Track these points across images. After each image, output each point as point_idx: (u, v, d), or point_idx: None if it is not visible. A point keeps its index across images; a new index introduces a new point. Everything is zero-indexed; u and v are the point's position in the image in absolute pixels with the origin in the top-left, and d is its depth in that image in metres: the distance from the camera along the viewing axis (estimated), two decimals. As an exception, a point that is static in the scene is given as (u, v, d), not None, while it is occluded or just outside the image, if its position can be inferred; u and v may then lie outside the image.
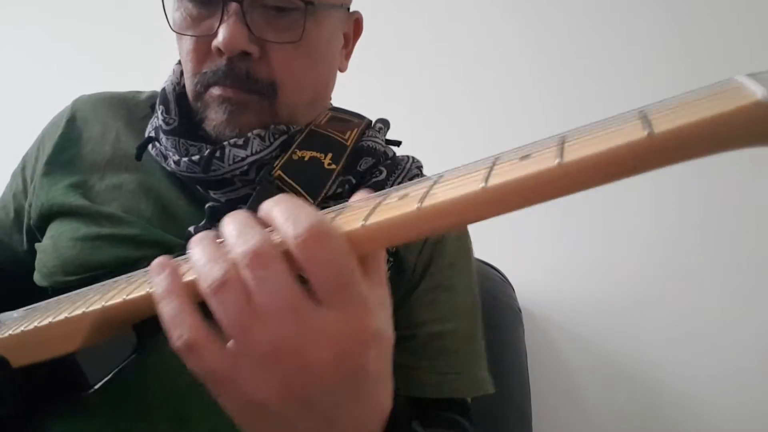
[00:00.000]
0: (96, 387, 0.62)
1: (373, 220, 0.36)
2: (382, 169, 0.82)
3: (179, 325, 0.41)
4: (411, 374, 0.77)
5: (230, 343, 0.41)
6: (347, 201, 0.75)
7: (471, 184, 0.32)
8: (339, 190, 0.78)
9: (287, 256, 0.39)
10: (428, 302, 0.80)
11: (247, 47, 0.72)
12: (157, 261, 0.45)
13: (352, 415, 0.44)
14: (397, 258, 0.79)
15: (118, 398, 0.65)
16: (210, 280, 0.40)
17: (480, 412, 0.81)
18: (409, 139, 0.93)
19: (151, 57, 1.45)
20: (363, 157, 0.82)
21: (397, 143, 0.90)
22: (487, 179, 0.31)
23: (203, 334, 0.41)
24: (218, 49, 0.72)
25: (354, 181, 0.80)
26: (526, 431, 1.16)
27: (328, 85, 0.84)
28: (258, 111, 0.75)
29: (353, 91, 0.95)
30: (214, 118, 0.76)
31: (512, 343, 1.21)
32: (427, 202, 0.34)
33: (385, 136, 0.88)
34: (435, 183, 0.36)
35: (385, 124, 0.89)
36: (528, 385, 1.20)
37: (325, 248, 0.38)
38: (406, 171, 0.84)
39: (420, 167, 0.87)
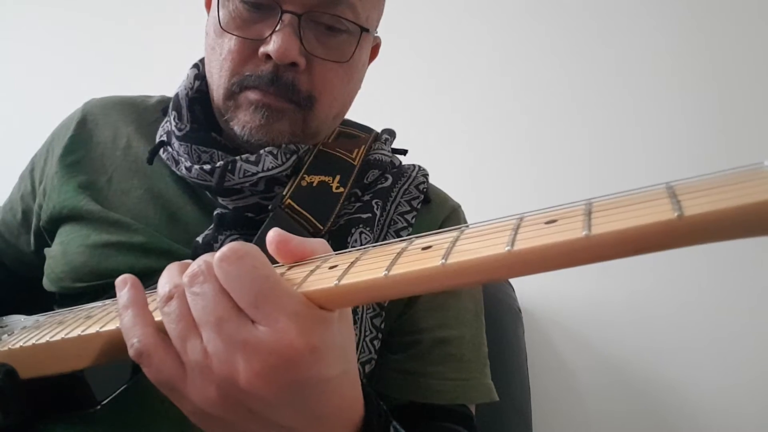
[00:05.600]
0: (103, 403, 0.63)
1: (396, 271, 0.36)
2: (388, 176, 0.84)
3: (132, 334, 0.46)
4: (417, 380, 0.77)
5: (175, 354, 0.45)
6: (353, 213, 0.77)
7: (496, 246, 0.32)
8: (345, 201, 0.78)
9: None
10: (433, 308, 0.80)
11: (297, 59, 0.73)
12: (121, 277, 0.51)
13: (309, 423, 0.46)
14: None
15: (122, 410, 0.66)
16: (160, 294, 0.46)
17: (480, 411, 0.82)
18: (414, 147, 0.93)
19: (151, 62, 1.45)
20: (370, 170, 0.83)
21: (403, 152, 0.90)
22: (512, 243, 0.31)
23: (153, 341, 0.46)
24: (267, 55, 0.73)
25: (360, 193, 0.81)
26: (526, 431, 1.17)
27: (351, 103, 0.86)
28: (292, 121, 0.76)
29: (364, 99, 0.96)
30: (248, 120, 0.76)
31: (512, 343, 1.21)
32: (452, 259, 0.34)
33: (391, 146, 0.89)
34: (458, 238, 0.36)
35: (390, 134, 0.90)
36: (528, 385, 1.21)
37: (238, 265, 0.42)
38: (412, 179, 0.85)
39: (426, 175, 0.87)
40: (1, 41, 1.88)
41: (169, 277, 0.47)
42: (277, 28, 0.72)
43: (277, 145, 0.77)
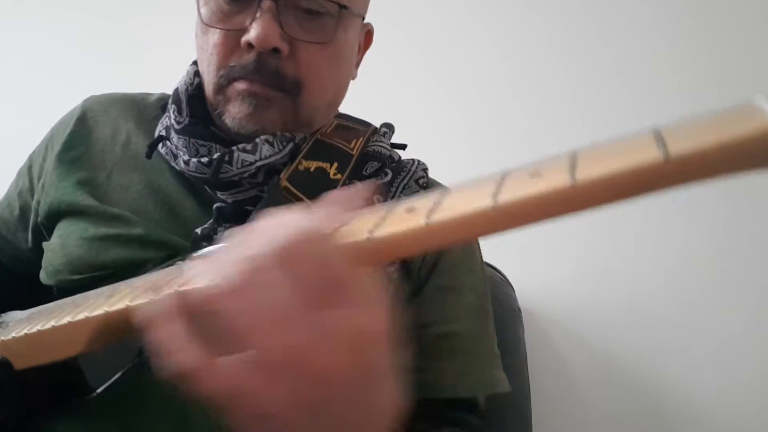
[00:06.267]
0: (98, 391, 0.62)
1: (379, 233, 0.36)
2: (388, 171, 0.83)
3: (181, 351, 0.40)
4: (420, 376, 0.76)
5: (239, 356, 0.39)
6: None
7: (480, 200, 0.32)
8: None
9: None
10: (434, 303, 0.80)
11: (279, 44, 0.73)
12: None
13: (368, 418, 0.44)
14: (403, 259, 0.79)
15: (119, 399, 0.66)
16: (233, 282, 0.38)
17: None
18: (413, 142, 0.93)
19: (151, 62, 1.46)
20: (369, 162, 0.83)
21: (402, 147, 0.90)
22: (496, 196, 0.31)
23: (207, 356, 0.39)
24: (249, 44, 0.74)
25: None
26: (526, 431, 1.16)
27: (344, 89, 0.86)
28: (281, 108, 0.77)
29: (359, 93, 0.95)
30: (237, 111, 0.76)
31: (512, 343, 1.20)
32: (435, 217, 0.33)
33: (390, 140, 0.89)
34: (442, 197, 0.35)
35: (390, 128, 0.90)
36: (528, 385, 1.20)
37: (310, 247, 0.38)
38: (411, 173, 0.85)
39: (425, 170, 0.87)
40: (1, 41, 1.90)
41: (225, 259, 0.40)
42: (256, 16, 0.73)
43: (272, 133, 0.77)
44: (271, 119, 0.76)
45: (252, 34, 0.73)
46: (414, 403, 0.75)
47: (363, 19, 0.85)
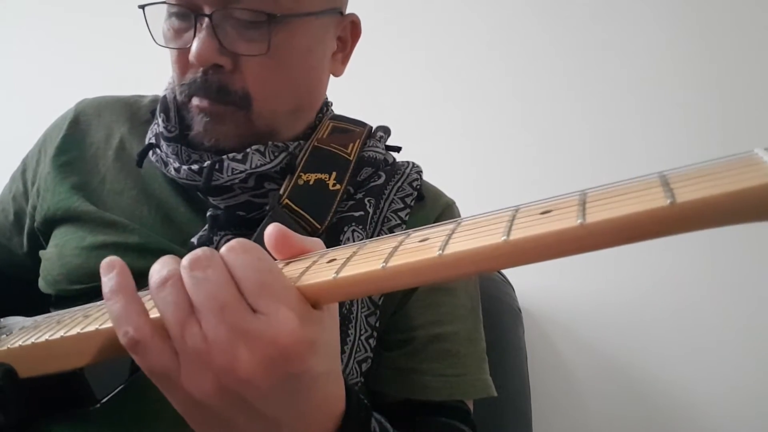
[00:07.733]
0: (102, 402, 0.63)
1: (394, 263, 0.37)
2: (381, 174, 0.83)
3: (125, 322, 0.45)
4: (413, 377, 0.77)
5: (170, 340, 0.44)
6: (345, 211, 0.77)
7: (492, 236, 0.33)
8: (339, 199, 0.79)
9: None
10: (428, 305, 0.80)
11: (218, 60, 0.72)
12: (106, 260, 0.49)
13: (293, 417, 0.47)
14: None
15: (121, 409, 0.66)
16: (155, 280, 0.45)
17: (480, 412, 0.82)
18: (413, 142, 0.93)
19: (151, 62, 1.44)
20: (363, 168, 0.82)
21: (397, 149, 0.90)
22: (508, 232, 0.32)
23: (149, 330, 0.45)
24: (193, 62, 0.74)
25: (352, 190, 0.81)
26: (526, 431, 1.17)
27: (313, 93, 0.83)
28: (234, 122, 0.76)
29: (356, 95, 0.95)
30: (195, 128, 0.77)
31: (512, 343, 1.21)
32: (449, 250, 0.34)
33: (385, 143, 0.88)
34: (455, 230, 0.36)
35: (385, 131, 0.90)
36: (528, 385, 1.21)
37: (244, 256, 0.44)
38: (406, 176, 0.85)
39: (420, 172, 0.87)
40: (1, 41, 1.89)
41: (164, 264, 0.46)
42: (196, 33, 0.72)
43: (223, 148, 0.77)
44: (225, 133, 0.76)
45: (191, 51, 0.72)
46: (405, 403, 0.77)
47: (340, 12, 0.82)
